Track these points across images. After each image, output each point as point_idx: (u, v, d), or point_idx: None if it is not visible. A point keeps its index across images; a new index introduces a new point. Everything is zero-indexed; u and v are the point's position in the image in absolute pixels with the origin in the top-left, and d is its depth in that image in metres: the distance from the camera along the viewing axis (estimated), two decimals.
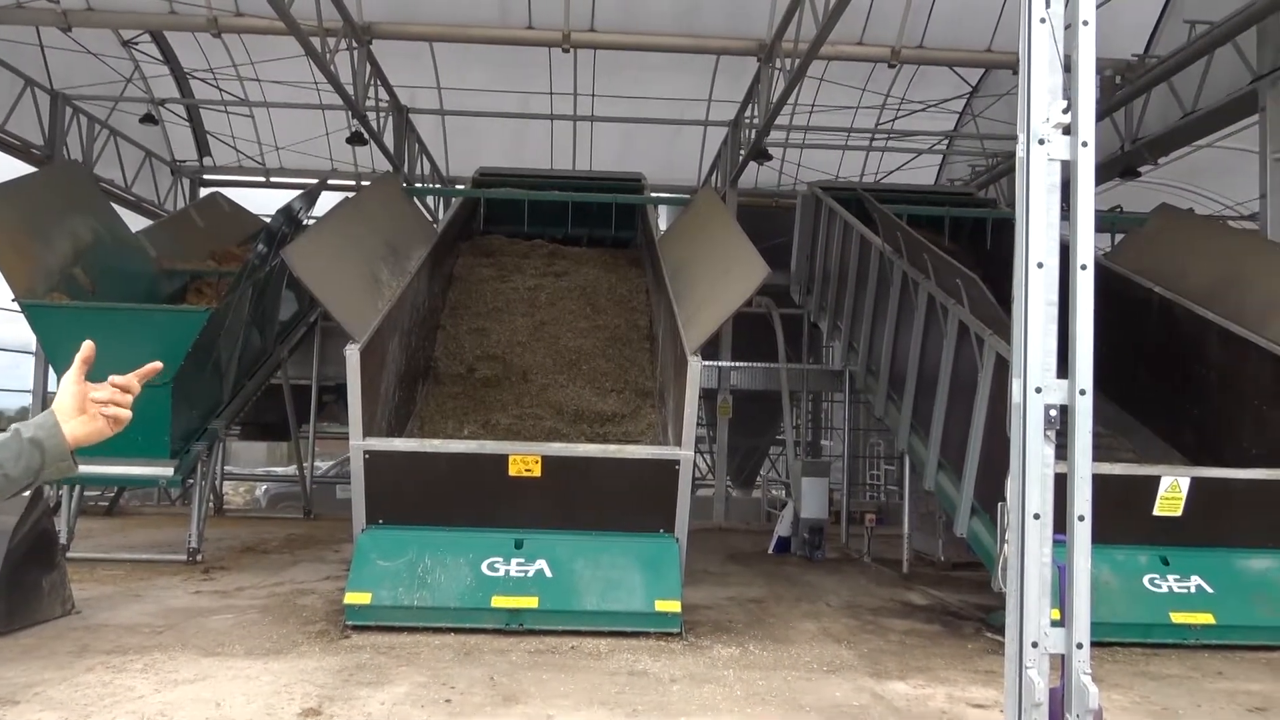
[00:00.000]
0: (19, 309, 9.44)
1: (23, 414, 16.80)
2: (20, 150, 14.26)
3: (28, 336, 11.61)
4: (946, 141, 18.55)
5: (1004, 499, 4.35)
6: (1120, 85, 13.67)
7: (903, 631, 7.33)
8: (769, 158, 15.34)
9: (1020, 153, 4.30)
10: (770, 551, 11.67)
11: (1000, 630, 4.46)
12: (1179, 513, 7.24)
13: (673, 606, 6.81)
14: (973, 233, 13.82)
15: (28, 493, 7.03)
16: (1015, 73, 4.50)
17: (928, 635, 7.24)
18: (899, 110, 17.29)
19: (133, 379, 2.10)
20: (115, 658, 5.91)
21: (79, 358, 2.06)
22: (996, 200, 16.14)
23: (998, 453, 6.18)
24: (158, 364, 2.15)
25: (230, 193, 16.10)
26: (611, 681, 5.63)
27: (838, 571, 10.37)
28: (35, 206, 9.92)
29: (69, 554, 8.81)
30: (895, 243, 10.27)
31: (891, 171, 18.95)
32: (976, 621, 7.72)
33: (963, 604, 8.49)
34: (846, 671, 6.05)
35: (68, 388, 2.05)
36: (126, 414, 2.12)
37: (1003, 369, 6.88)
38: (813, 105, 16.81)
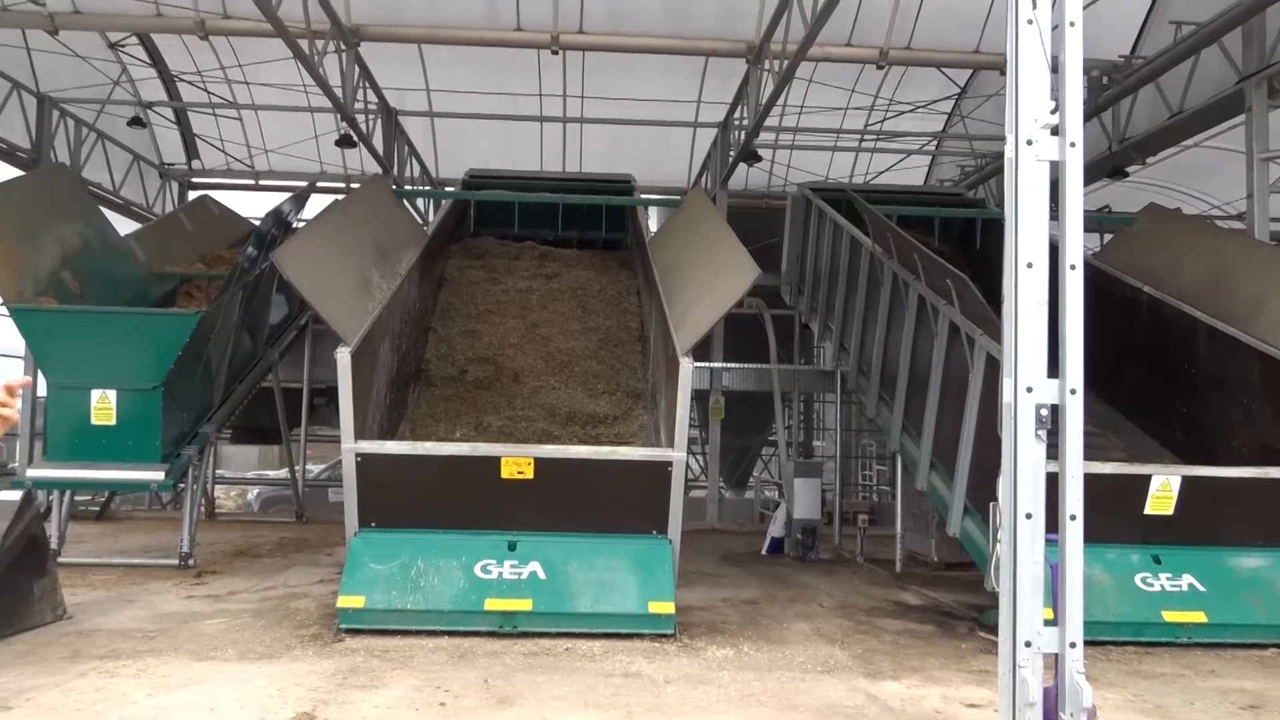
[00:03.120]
0: (7, 313, 9.40)
1: None
2: (7, 154, 14.19)
3: (15, 340, 11.54)
4: (935, 142, 18.59)
5: (996, 498, 4.37)
6: (1107, 86, 13.73)
7: (896, 631, 7.34)
8: (758, 159, 15.36)
9: (1009, 153, 4.32)
10: (764, 552, 11.68)
11: (994, 630, 4.48)
12: (1170, 511, 7.27)
13: (666, 608, 6.81)
14: (962, 233, 13.86)
15: (16, 495, 7.03)
16: (1003, 74, 4.51)
17: (921, 635, 7.25)
18: (888, 111, 17.33)
19: (14, 385, 2.48)
20: (108, 663, 5.89)
21: (6, 384, 2.38)
22: (985, 200, 16.19)
23: (989, 452, 6.19)
24: (28, 379, 2.49)
25: (219, 195, 16.06)
26: (606, 683, 5.63)
27: (831, 572, 10.39)
28: (23, 211, 9.86)
29: (60, 559, 8.77)
30: (885, 243, 10.28)
31: (881, 172, 18.99)
32: (970, 621, 7.74)
33: (956, 604, 8.51)
34: (841, 672, 6.06)
35: None
36: (15, 416, 2.53)
37: (993, 369, 6.89)
38: (802, 106, 16.83)
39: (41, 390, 11.30)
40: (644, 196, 15.07)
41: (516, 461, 7.13)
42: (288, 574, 9.30)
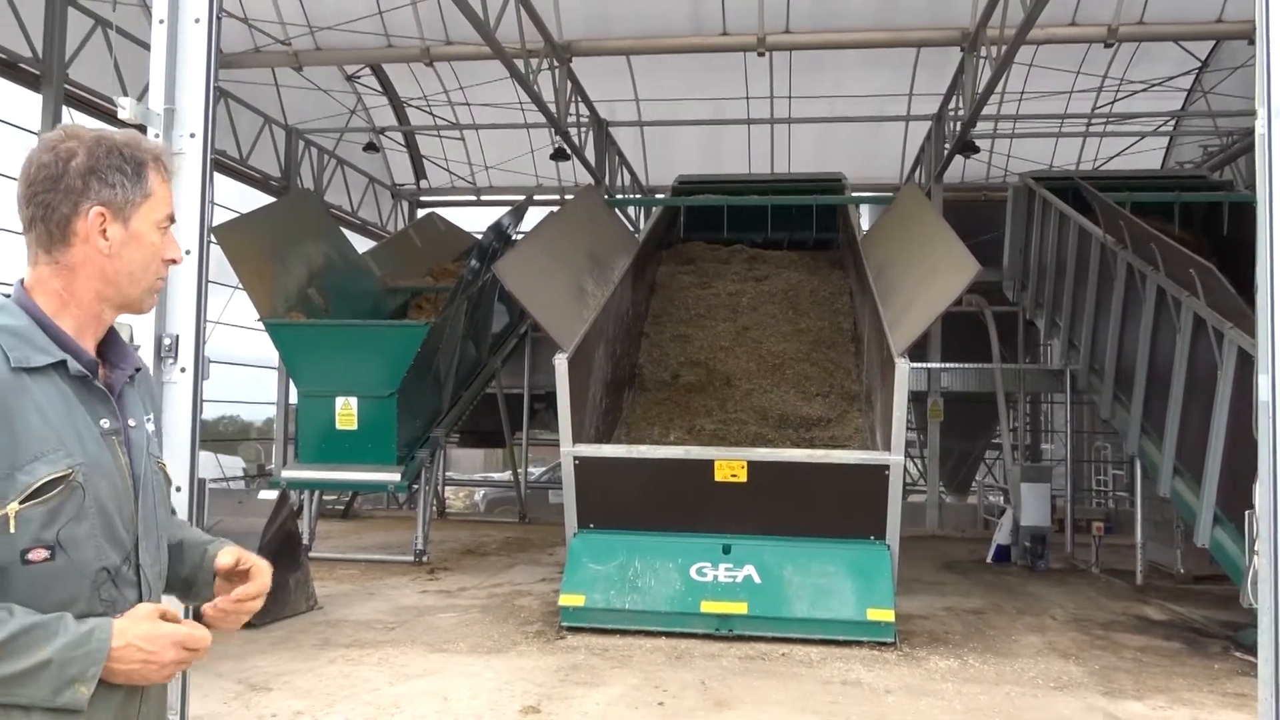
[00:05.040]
0: (263, 327, 10.29)
1: (268, 425, 18.27)
2: (261, 183, 15.57)
3: (271, 352, 12.62)
4: (1173, 122, 17.28)
5: (1252, 506, 4.02)
6: None
7: (1138, 648, 6.86)
8: (976, 150, 14.77)
9: (1260, 129, 3.96)
10: (989, 560, 11.19)
11: (1252, 650, 4.12)
12: None
13: (886, 615, 6.64)
14: (1206, 219, 12.81)
15: (273, 494, 7.67)
16: (1251, 42, 4.15)
17: (1167, 653, 6.75)
18: (1118, 92, 16.25)
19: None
20: (353, 651, 6.33)
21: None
22: (1233, 182, 14.89)
23: (1243, 456, 5.70)
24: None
25: (444, 212, 17.02)
26: (824, 690, 5.55)
27: (1063, 583, 9.83)
28: (275, 234, 10.80)
29: (311, 554, 9.51)
30: (1118, 232, 9.68)
31: (1111, 157, 17.83)
32: (1224, 640, 7.14)
33: (1206, 620, 7.86)
34: (1076, 689, 5.72)
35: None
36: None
37: (1246, 365, 6.39)
38: (1022, 92, 16.03)
39: (293, 397, 12.35)
40: (854, 194, 14.78)
41: (730, 465, 7.15)
42: (512, 572, 9.69)
